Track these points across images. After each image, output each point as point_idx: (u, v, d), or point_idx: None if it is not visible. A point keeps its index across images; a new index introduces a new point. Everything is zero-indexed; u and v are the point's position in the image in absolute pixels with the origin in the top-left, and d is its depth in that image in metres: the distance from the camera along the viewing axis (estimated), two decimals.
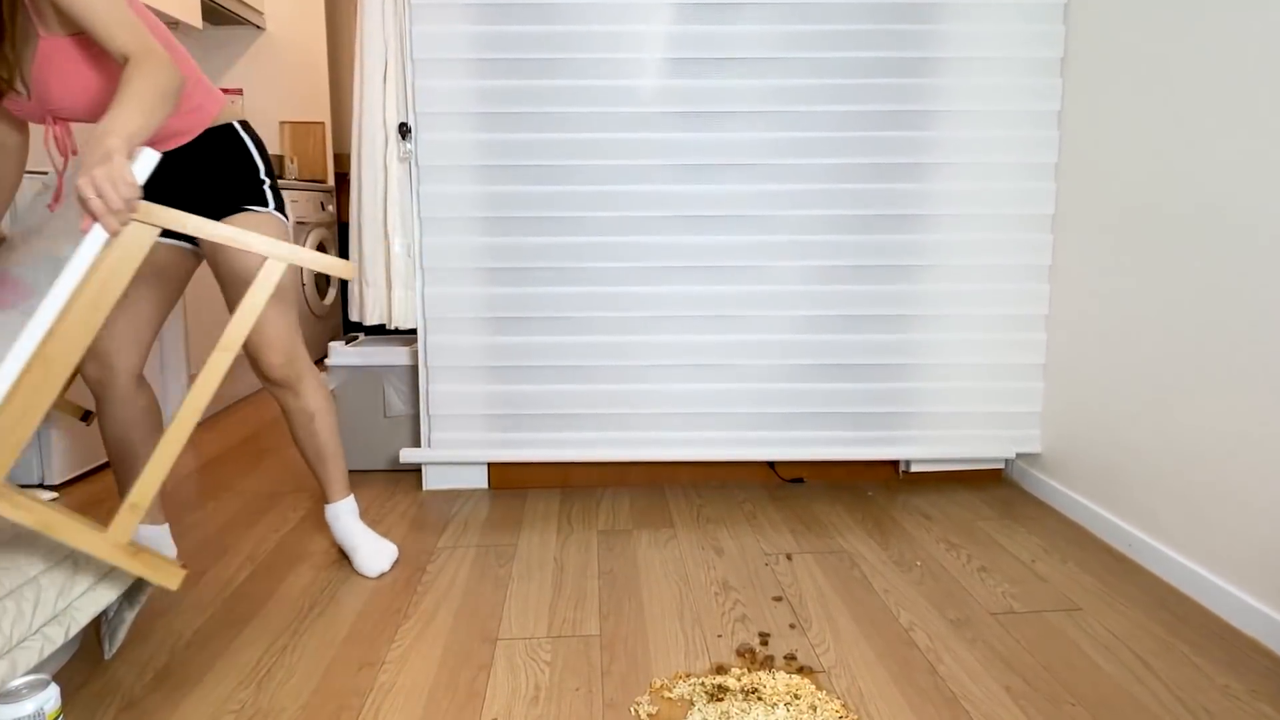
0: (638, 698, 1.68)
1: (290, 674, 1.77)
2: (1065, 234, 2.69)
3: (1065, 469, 2.69)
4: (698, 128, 2.70)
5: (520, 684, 1.74)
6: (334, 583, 2.19)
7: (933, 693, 1.70)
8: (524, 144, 2.70)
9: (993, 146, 2.73)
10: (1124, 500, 2.40)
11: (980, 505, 2.72)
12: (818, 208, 2.74)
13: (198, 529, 2.55)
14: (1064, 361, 2.71)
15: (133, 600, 1.80)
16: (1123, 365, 2.40)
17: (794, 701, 1.64)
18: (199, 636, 1.93)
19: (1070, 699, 1.68)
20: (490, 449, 2.84)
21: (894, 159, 2.73)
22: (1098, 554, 2.37)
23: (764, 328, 2.80)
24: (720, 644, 1.88)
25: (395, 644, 1.89)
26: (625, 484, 2.95)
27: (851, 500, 2.78)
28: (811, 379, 2.82)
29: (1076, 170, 2.62)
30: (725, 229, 2.75)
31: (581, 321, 2.79)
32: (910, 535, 2.49)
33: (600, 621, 1.99)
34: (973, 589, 2.15)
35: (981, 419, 2.86)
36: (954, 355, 2.83)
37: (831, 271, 2.77)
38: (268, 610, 2.05)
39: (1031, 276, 2.79)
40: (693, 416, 2.84)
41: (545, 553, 2.38)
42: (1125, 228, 2.39)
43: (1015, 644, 1.88)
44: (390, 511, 2.69)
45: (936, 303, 2.80)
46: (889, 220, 2.76)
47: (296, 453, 3.30)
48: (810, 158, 2.72)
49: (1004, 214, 2.76)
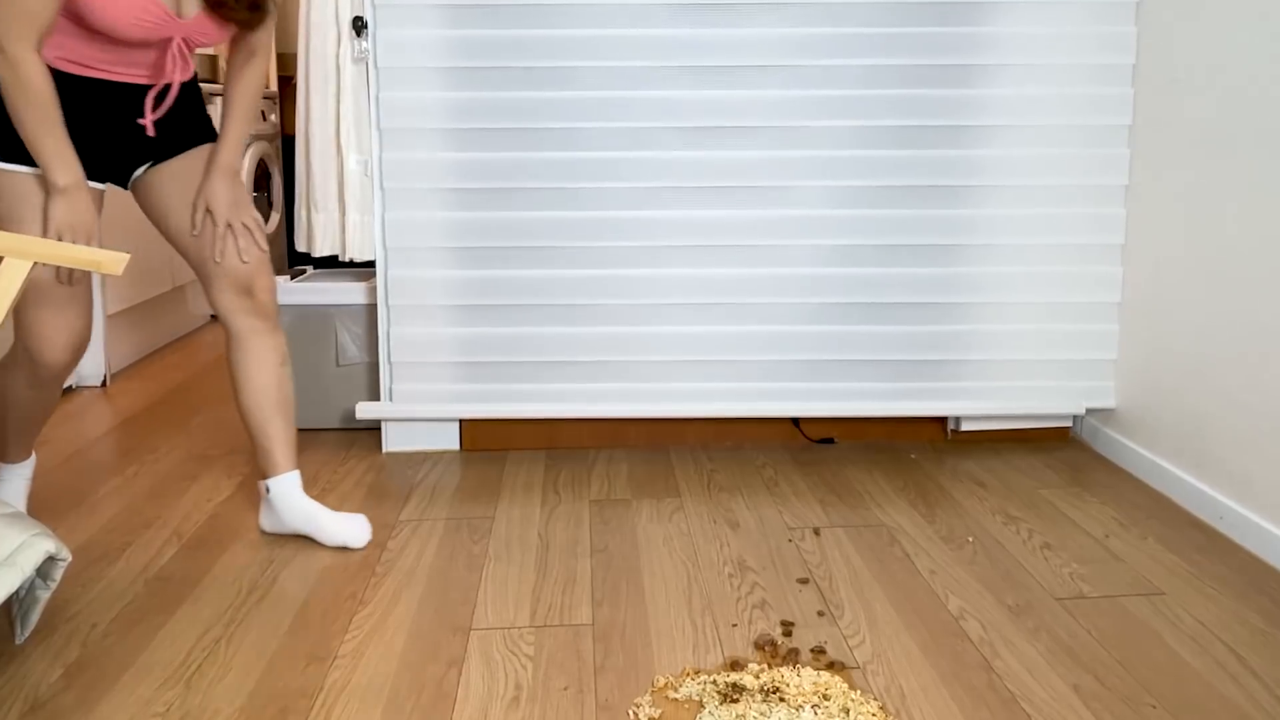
0: (637, 699, 1.68)
1: (225, 670, 1.77)
2: (1144, 149, 2.67)
3: (1144, 427, 2.68)
4: (705, 23, 2.66)
5: (498, 683, 1.73)
6: (276, 563, 2.19)
7: (987, 692, 1.70)
8: (503, 41, 2.66)
9: (1057, 44, 2.70)
10: (1214, 464, 2.39)
11: (1044, 470, 2.73)
12: (849, 117, 2.72)
13: (114, 498, 2.55)
14: (1143, 300, 2.69)
15: (46, 578, 1.80)
16: (1214, 304, 2.39)
17: (823, 703, 1.64)
18: (117, 625, 1.92)
19: (1150, 699, 1.68)
20: (462, 403, 2.83)
21: (942, 59, 2.69)
22: (1182, 528, 2.37)
23: (787, 259, 2.78)
24: (735, 635, 1.89)
25: (349, 635, 1.89)
26: (622, 445, 2.95)
27: (891, 464, 2.78)
28: (843, 320, 2.81)
29: (1157, 72, 2.59)
30: (740, 142, 2.73)
31: (571, 252, 2.77)
32: (961, 506, 2.49)
33: (593, 609, 1.99)
34: (1035, 570, 2.15)
35: (1045, 368, 2.86)
36: (1013, 292, 2.82)
37: (867, 193, 2.76)
38: (198, 595, 2.05)
39: (1105, 199, 2.77)
40: (702, 365, 2.83)
41: (528, 527, 2.38)
42: (1216, 139, 2.36)
43: (1085, 635, 1.89)
44: (344, 478, 2.69)
45: (992, 230, 2.78)
46: (934, 133, 2.74)
47: (231, 409, 3.30)
48: (841, 56, 2.69)
49: (1072, 125, 2.74)
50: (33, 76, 1.81)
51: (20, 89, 1.81)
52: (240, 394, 2.21)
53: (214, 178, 2.11)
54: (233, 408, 3.32)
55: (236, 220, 2.12)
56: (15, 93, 1.82)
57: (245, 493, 2.58)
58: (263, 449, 2.24)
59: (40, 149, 1.86)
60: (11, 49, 1.79)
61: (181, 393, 3.52)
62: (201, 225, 2.11)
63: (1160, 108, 2.61)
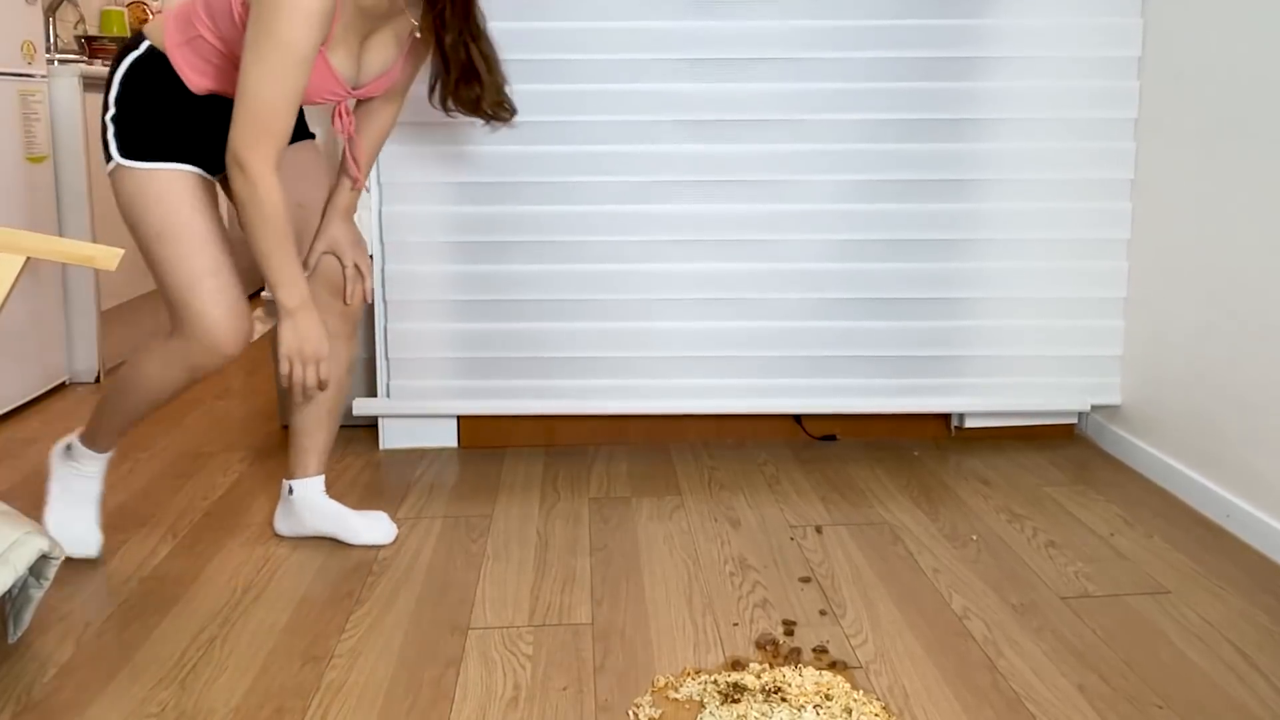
0: (637, 699, 1.68)
1: (220, 670, 1.77)
2: (1150, 142, 2.66)
3: (1150, 424, 2.68)
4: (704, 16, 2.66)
5: (496, 683, 1.73)
6: (272, 561, 2.19)
7: (991, 692, 1.70)
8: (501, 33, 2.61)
9: (1064, 36, 2.69)
10: (1221, 461, 2.39)
11: (1048, 468, 2.73)
12: (851, 111, 2.71)
13: (108, 496, 2.54)
14: (1149, 295, 2.69)
15: (40, 576, 1.80)
16: (1221, 299, 2.38)
17: (825, 703, 1.64)
18: (111, 625, 1.92)
19: (1156, 700, 1.68)
20: (460, 400, 2.83)
21: (945, 52, 2.69)
22: (1189, 526, 2.37)
23: (788, 254, 2.78)
24: (736, 634, 1.89)
25: (346, 635, 1.89)
26: (622, 442, 2.95)
27: (894, 462, 2.78)
28: (845, 315, 2.81)
29: (1163, 65, 2.58)
30: (741, 136, 2.72)
31: (570, 247, 2.76)
32: (964, 504, 2.49)
33: (592, 608, 1.99)
34: (1040, 568, 2.15)
35: (1050, 364, 2.85)
36: (1017, 287, 2.81)
37: (869, 187, 2.75)
38: (193, 594, 2.04)
39: (1110, 193, 2.77)
40: (703, 361, 2.83)
41: (526, 525, 2.38)
42: (1222, 133, 2.35)
43: (1090, 634, 1.89)
44: (340, 475, 2.69)
45: (996, 225, 2.78)
46: (938, 126, 2.73)
47: (226, 405, 3.30)
48: (843, 49, 2.68)
49: (1077, 119, 2.74)
50: (270, 195, 1.84)
51: (257, 207, 1.85)
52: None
53: (337, 220, 2.14)
54: (227, 403, 3.31)
55: (362, 262, 2.16)
56: (252, 211, 1.85)
57: (241, 490, 2.58)
58: (300, 448, 2.23)
59: (269, 268, 1.90)
60: (254, 168, 1.82)
61: None
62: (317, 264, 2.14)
63: (1166, 101, 2.60)
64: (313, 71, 1.86)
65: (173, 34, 1.93)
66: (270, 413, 3.19)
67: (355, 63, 1.96)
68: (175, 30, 1.93)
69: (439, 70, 2.05)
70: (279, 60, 1.78)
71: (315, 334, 1.95)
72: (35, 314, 3.33)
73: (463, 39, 1.99)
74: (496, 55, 2.08)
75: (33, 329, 3.31)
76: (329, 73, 1.90)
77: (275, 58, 1.78)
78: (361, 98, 2.06)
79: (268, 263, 1.89)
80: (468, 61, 2.02)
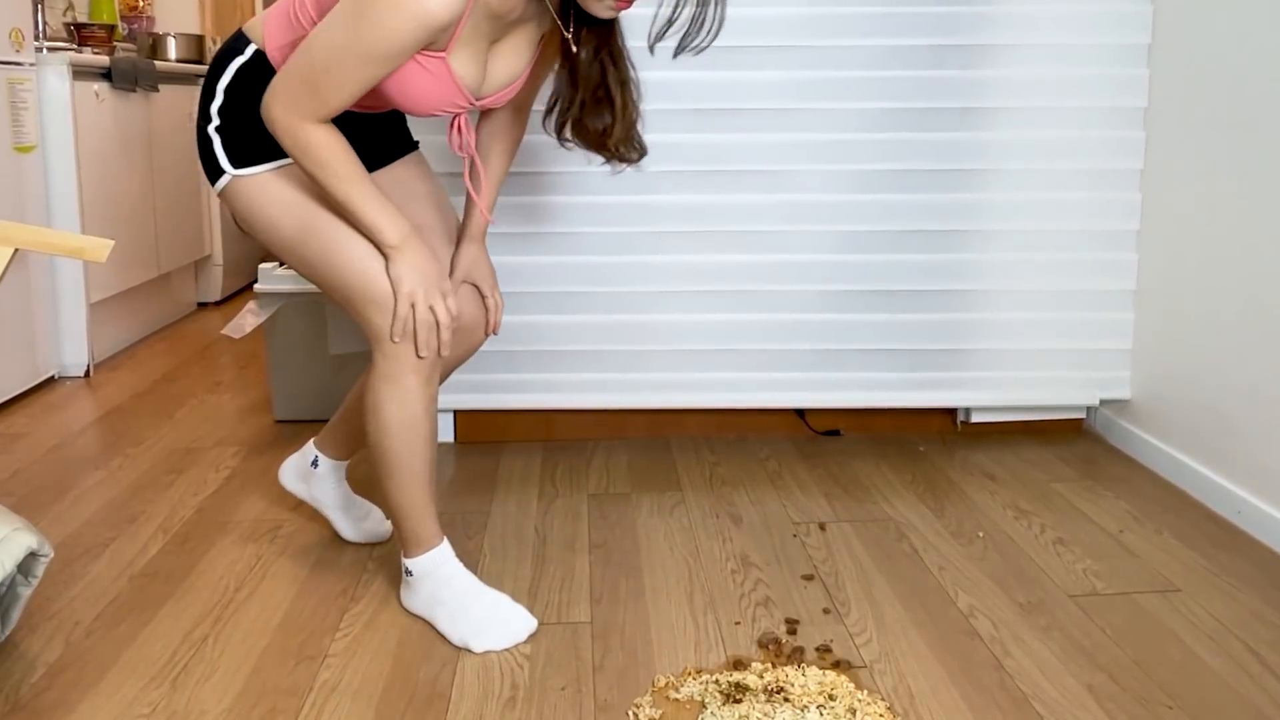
0: (637, 699, 1.67)
1: (211, 670, 1.77)
2: (1160, 131, 2.65)
3: (1160, 419, 2.68)
4: None
5: (493, 683, 1.73)
6: (265, 558, 2.19)
7: (998, 692, 1.70)
8: None
9: (1072, 23, 2.69)
10: (1232, 457, 2.39)
11: (1056, 463, 2.73)
12: (855, 99, 2.71)
13: (98, 492, 2.54)
14: (1159, 287, 2.69)
15: (28, 574, 1.79)
16: (1232, 291, 2.38)
17: (828, 704, 1.63)
18: (101, 623, 1.92)
19: (1166, 699, 1.68)
20: (456, 394, 2.83)
21: (952, 39, 2.68)
22: (1199, 522, 2.37)
23: (792, 245, 2.77)
24: (738, 633, 1.89)
25: (340, 633, 1.89)
26: (622, 437, 2.95)
27: (898, 457, 2.78)
28: (849, 308, 2.81)
29: (1174, 53, 2.58)
30: (744, 125, 2.71)
31: (568, 238, 2.76)
32: (971, 500, 2.49)
33: (591, 606, 1.99)
34: (1047, 566, 2.15)
35: (1058, 358, 2.85)
36: (1024, 279, 2.81)
37: (874, 177, 2.75)
38: (184, 592, 2.04)
39: (1120, 183, 2.76)
40: (704, 354, 2.82)
41: (524, 522, 2.38)
42: (1234, 121, 2.35)
43: (1099, 633, 1.89)
44: None
45: (1003, 215, 2.78)
46: (943, 115, 2.73)
47: (218, 399, 3.31)
48: (847, 37, 2.68)
49: (1085, 107, 2.73)
50: (314, 137, 1.66)
51: (307, 155, 1.66)
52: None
53: (474, 248, 2.00)
54: (220, 397, 3.32)
55: (497, 292, 2.02)
56: (307, 162, 1.67)
57: (233, 486, 2.58)
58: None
59: (354, 214, 1.71)
60: (282, 122, 1.65)
61: (167, 383, 3.51)
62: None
63: (1177, 89, 2.60)
64: (431, 78, 1.68)
65: (275, 34, 1.77)
66: (263, 407, 3.19)
67: (481, 70, 1.74)
68: (278, 30, 1.77)
69: (565, 90, 1.80)
70: (365, 43, 1.58)
71: (432, 265, 1.75)
72: (23, 307, 3.32)
73: (599, 57, 1.78)
74: (636, 82, 1.85)
75: (20, 322, 3.31)
76: (451, 81, 1.69)
77: (363, 39, 1.58)
78: (485, 109, 1.85)
79: (349, 208, 1.70)
80: (602, 83, 1.79)
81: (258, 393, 3.35)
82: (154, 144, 4.15)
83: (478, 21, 1.67)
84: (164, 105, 4.25)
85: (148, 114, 4.11)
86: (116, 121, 3.84)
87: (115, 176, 3.82)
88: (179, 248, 4.38)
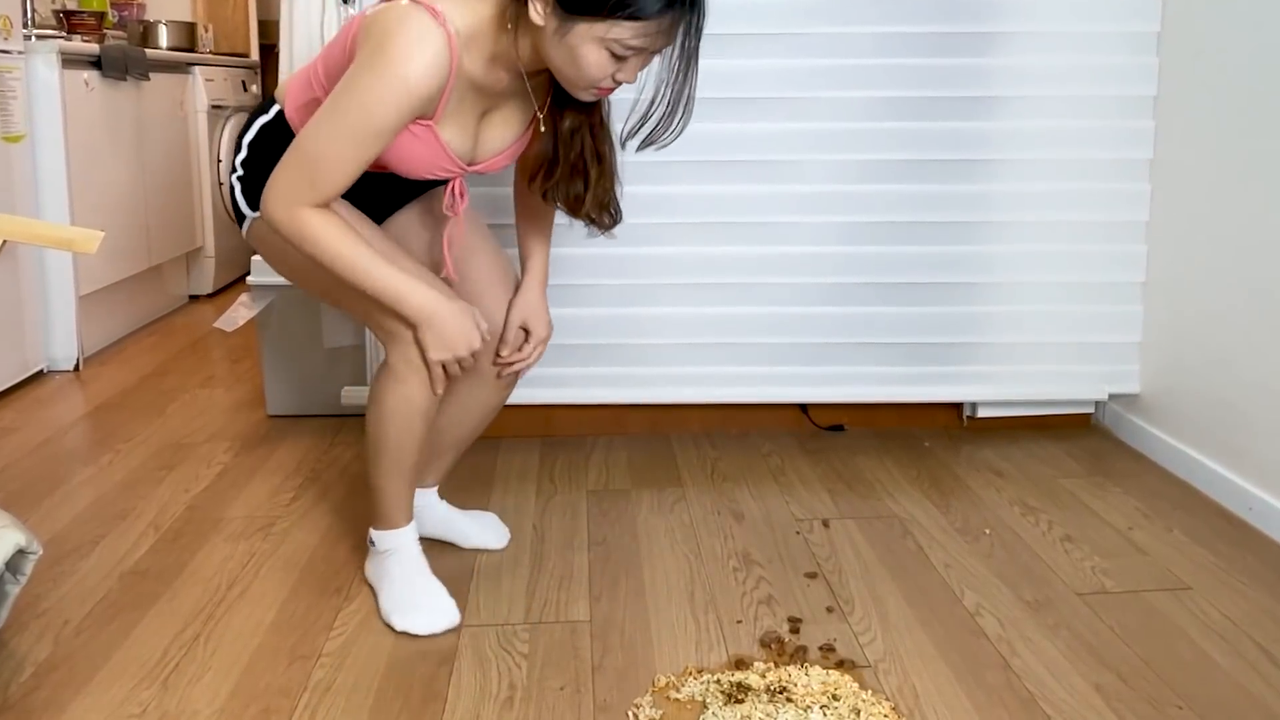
0: (637, 699, 1.67)
1: (204, 669, 1.77)
2: (1170, 121, 2.65)
3: (1170, 413, 2.68)
4: None
5: (491, 682, 1.73)
6: (258, 556, 2.19)
7: (1005, 692, 1.70)
8: None
9: (1080, 11, 2.69)
10: (1243, 452, 2.39)
11: (1064, 459, 2.73)
12: (860, 88, 2.71)
13: (87, 488, 2.54)
14: (1169, 280, 2.69)
15: (16, 572, 1.79)
16: (1243, 284, 2.38)
17: (832, 704, 1.64)
18: (91, 622, 1.92)
19: (1176, 700, 1.68)
20: None
21: (958, 27, 2.68)
22: (1210, 519, 2.37)
23: (795, 237, 2.77)
24: (740, 632, 1.89)
25: (335, 632, 1.89)
26: (621, 433, 2.95)
27: (903, 453, 2.78)
28: (853, 301, 2.81)
29: (1184, 41, 2.58)
30: (746, 114, 2.71)
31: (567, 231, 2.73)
32: (977, 496, 2.49)
33: (590, 604, 1.99)
34: (1055, 563, 2.15)
35: (1066, 351, 2.85)
36: (1032, 272, 2.81)
37: (878, 168, 2.75)
38: (175, 590, 2.04)
39: (1128, 173, 2.76)
40: (705, 348, 2.82)
41: (522, 518, 2.38)
42: (1245, 110, 2.35)
43: (1107, 632, 1.89)
44: (329, 466, 2.68)
45: (1010, 206, 2.77)
46: (949, 104, 2.72)
47: (210, 393, 3.31)
48: (852, 24, 2.68)
49: (1094, 96, 2.73)
50: (311, 224, 1.70)
51: (312, 245, 1.71)
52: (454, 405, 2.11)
53: (536, 293, 2.10)
54: (212, 391, 3.32)
55: (540, 349, 2.08)
56: (312, 250, 1.72)
57: (225, 483, 2.57)
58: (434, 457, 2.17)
59: (375, 292, 1.75)
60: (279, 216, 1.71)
61: (158, 377, 3.51)
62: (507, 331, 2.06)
63: (1187, 78, 2.59)
64: (420, 145, 1.76)
65: (294, 96, 1.86)
66: (256, 401, 3.18)
67: (471, 139, 1.84)
68: (297, 92, 1.86)
69: (546, 154, 1.89)
70: (353, 124, 1.67)
71: (458, 329, 1.80)
72: (11, 299, 3.32)
73: (581, 129, 1.87)
74: (614, 158, 1.93)
75: (9, 314, 3.30)
76: (440, 148, 1.78)
77: (350, 120, 1.67)
78: (478, 173, 1.94)
79: (367, 286, 1.74)
80: (580, 154, 1.89)
81: (250, 387, 3.35)
82: (145, 134, 4.15)
83: (463, 94, 1.76)
84: (155, 94, 4.25)
85: (138, 103, 4.10)
86: (107, 111, 3.84)
87: (105, 166, 3.82)
88: (170, 239, 4.38)
